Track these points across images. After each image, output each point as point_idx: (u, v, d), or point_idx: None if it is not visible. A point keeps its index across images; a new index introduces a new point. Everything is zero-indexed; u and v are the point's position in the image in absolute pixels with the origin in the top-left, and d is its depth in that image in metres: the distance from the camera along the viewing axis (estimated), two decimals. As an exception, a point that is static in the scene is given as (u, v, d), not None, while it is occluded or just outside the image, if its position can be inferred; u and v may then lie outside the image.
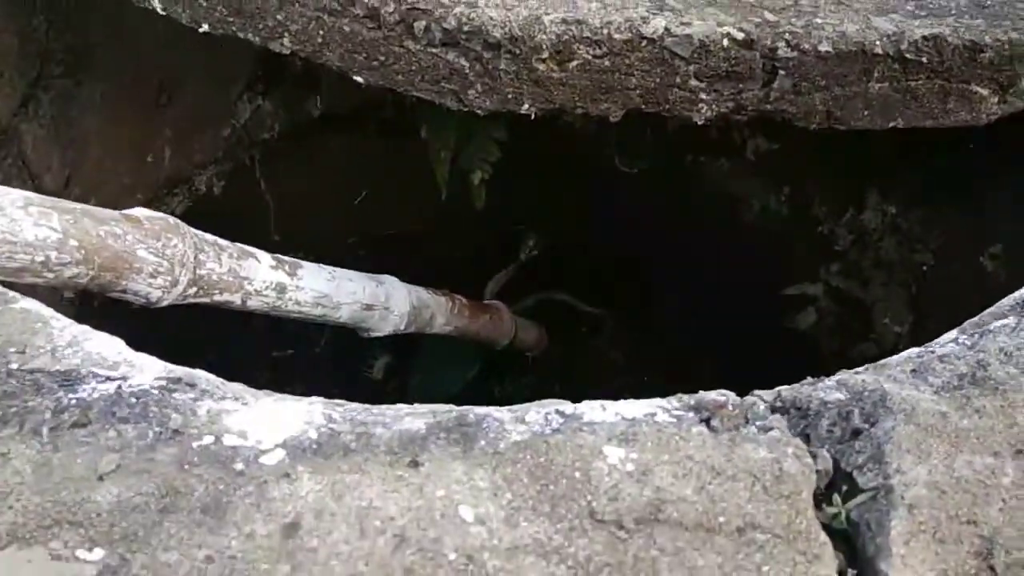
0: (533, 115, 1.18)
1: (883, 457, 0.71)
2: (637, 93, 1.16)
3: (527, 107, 1.17)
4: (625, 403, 0.76)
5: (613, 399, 0.76)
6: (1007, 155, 1.50)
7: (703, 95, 1.16)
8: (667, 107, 1.18)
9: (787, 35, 1.16)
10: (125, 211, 0.96)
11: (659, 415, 0.74)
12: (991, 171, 1.59)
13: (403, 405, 0.78)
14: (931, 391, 0.78)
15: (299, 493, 0.64)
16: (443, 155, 1.92)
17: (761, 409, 0.77)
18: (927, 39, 1.17)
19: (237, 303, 1.12)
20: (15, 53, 1.44)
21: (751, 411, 0.76)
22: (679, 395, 0.78)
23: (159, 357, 0.78)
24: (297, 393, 0.77)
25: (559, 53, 1.13)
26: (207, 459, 0.66)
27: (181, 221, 1.03)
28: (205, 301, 1.07)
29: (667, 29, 1.12)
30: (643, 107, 1.18)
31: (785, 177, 2.08)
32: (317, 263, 1.31)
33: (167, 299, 0.99)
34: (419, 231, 2.19)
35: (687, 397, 0.78)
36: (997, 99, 1.22)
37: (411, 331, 1.60)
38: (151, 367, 0.76)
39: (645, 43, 1.12)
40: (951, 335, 0.88)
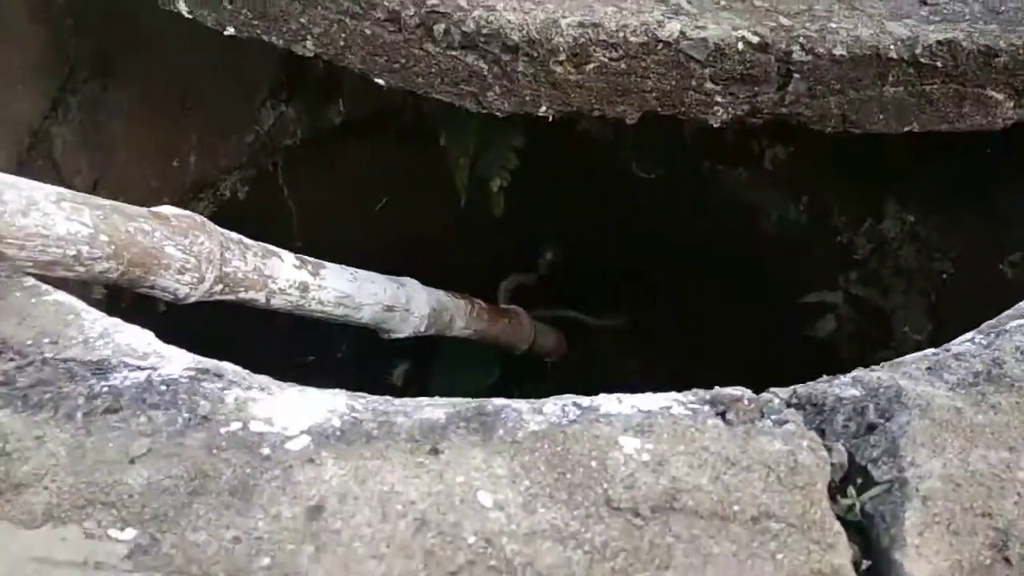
0: (551, 117, 1.19)
1: (898, 451, 0.71)
2: (653, 96, 1.17)
3: (544, 109, 1.18)
4: (641, 396, 0.77)
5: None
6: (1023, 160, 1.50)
7: (718, 98, 1.17)
8: (683, 110, 1.19)
9: (801, 39, 1.17)
10: (153, 208, 0.98)
11: (675, 408, 0.75)
12: (1008, 176, 1.59)
13: (423, 398, 0.80)
14: (946, 388, 0.78)
15: (323, 477, 0.66)
16: (462, 162, 1.94)
17: (776, 404, 0.77)
18: (941, 44, 1.18)
19: (261, 301, 1.14)
20: (45, 57, 1.48)
21: (767, 406, 0.77)
22: (695, 390, 0.79)
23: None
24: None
25: (576, 56, 1.14)
26: (234, 444, 0.68)
27: (207, 220, 1.05)
28: (231, 298, 1.09)
29: (682, 32, 1.13)
30: (659, 109, 1.19)
31: (803, 187, 2.08)
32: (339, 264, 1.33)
33: (194, 295, 1.01)
34: (438, 236, 2.20)
35: (703, 392, 0.78)
36: (1012, 104, 1.22)
37: (431, 333, 1.61)
38: (180, 358, 0.78)
39: (661, 46, 1.13)
40: (967, 336, 0.89)
